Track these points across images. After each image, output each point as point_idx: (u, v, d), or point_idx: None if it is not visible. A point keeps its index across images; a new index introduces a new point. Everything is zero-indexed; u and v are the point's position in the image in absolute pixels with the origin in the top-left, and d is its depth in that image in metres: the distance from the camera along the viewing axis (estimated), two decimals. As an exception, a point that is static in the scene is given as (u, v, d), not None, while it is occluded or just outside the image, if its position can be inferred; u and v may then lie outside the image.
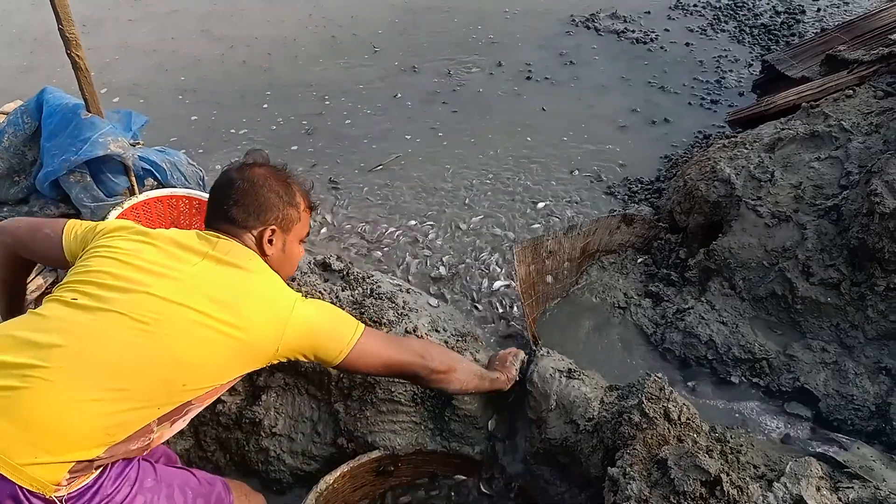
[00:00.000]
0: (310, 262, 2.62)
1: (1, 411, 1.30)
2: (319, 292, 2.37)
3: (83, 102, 2.81)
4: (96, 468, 1.41)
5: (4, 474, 1.26)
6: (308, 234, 1.90)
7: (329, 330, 1.67)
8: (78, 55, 2.59)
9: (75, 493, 1.37)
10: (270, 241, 1.72)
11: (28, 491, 1.29)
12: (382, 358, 1.76)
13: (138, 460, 1.55)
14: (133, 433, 1.42)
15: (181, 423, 1.59)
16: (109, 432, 1.38)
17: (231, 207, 1.69)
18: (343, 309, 1.94)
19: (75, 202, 2.88)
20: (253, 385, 2.28)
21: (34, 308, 1.54)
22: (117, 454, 1.43)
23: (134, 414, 1.41)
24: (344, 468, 2.07)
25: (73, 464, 1.34)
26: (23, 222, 1.81)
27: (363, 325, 1.73)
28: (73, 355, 1.37)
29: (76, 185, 2.85)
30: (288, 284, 1.72)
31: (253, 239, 1.70)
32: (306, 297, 1.85)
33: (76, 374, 1.35)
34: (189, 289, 1.51)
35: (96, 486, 1.42)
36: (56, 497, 1.33)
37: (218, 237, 1.66)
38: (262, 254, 1.70)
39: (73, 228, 1.71)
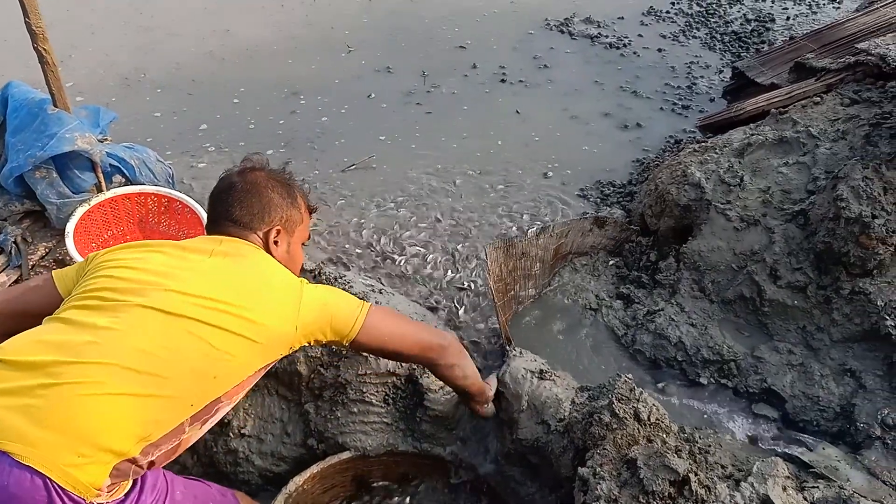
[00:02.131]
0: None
1: (38, 412, 1.26)
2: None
3: (50, 97, 2.76)
4: (133, 474, 1.40)
5: (48, 475, 1.23)
6: (309, 237, 1.89)
7: (337, 303, 1.68)
8: (44, 49, 2.55)
9: None
10: (276, 243, 1.73)
11: (67, 494, 1.25)
12: (403, 333, 1.77)
13: (163, 473, 1.54)
14: (167, 432, 1.41)
15: (210, 424, 1.57)
16: (147, 428, 1.37)
17: (234, 209, 1.70)
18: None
19: (41, 199, 2.83)
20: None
21: None
22: (150, 456, 1.41)
23: (169, 411, 1.41)
24: (314, 469, 2.05)
25: (115, 465, 1.32)
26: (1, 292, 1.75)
27: (370, 303, 1.75)
28: (107, 350, 1.36)
29: (42, 181, 2.80)
30: None
31: (259, 240, 1.71)
32: None
33: (112, 367, 1.34)
34: (204, 283, 1.51)
35: (131, 500, 1.41)
36: (96, 503, 1.31)
37: (222, 238, 1.66)
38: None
39: (62, 270, 1.68)
